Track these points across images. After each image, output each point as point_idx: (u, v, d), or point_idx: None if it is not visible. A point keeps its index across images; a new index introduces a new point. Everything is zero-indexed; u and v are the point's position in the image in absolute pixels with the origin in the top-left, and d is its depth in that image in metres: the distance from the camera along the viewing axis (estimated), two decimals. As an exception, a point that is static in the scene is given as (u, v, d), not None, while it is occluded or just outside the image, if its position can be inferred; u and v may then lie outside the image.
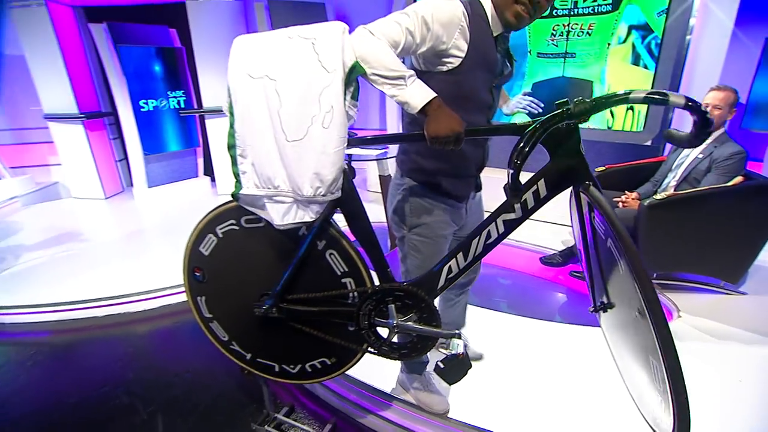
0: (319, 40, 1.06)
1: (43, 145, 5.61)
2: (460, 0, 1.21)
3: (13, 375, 2.27)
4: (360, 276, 1.29)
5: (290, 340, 1.40)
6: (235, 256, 1.36)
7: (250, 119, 1.11)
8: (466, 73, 1.24)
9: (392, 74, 1.08)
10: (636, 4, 3.28)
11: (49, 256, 3.56)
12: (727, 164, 2.31)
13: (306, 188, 1.11)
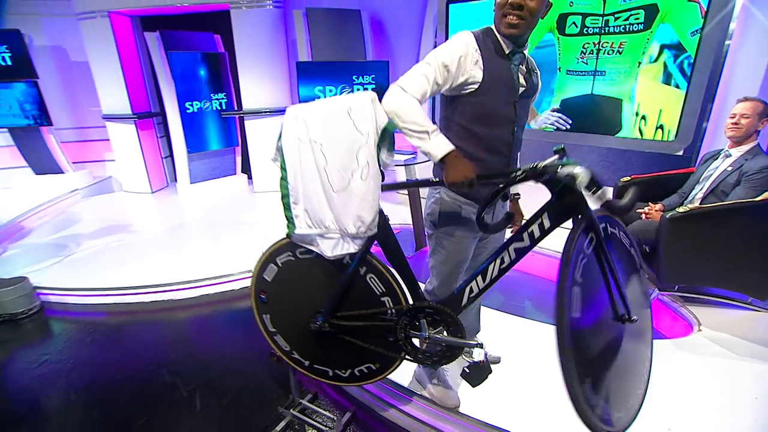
0: (353, 109, 1.30)
1: (100, 142, 6.12)
2: (472, 31, 1.35)
3: (75, 350, 2.57)
4: (396, 296, 1.51)
5: (341, 349, 1.62)
6: (292, 281, 1.61)
7: (302, 174, 1.35)
8: (486, 94, 1.40)
9: (419, 129, 1.29)
10: (669, 24, 3.22)
11: (104, 245, 3.92)
12: (757, 178, 2.27)
13: (350, 227, 1.36)
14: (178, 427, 1.95)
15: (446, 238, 1.59)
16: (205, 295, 3.12)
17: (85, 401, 2.14)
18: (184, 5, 4.72)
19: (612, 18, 3.43)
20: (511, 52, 1.41)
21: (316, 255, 1.47)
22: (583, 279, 1.22)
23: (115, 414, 2.04)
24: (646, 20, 3.30)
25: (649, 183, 2.93)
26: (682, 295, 2.59)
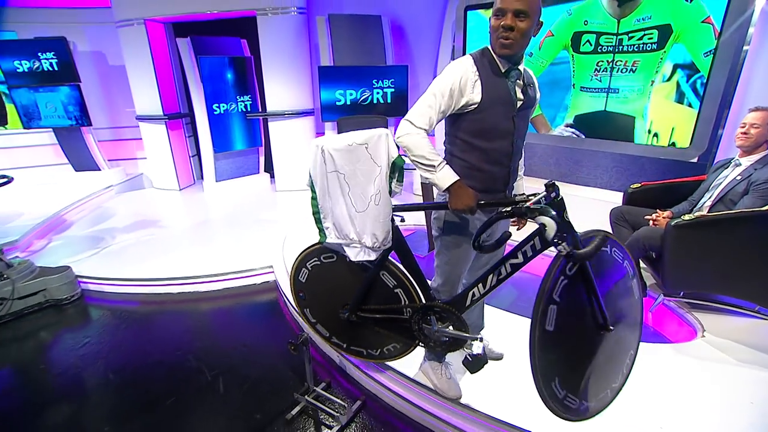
0: (370, 144, 1.53)
1: (133, 141, 6.47)
2: (471, 54, 1.49)
3: (112, 334, 2.82)
4: (411, 295, 1.77)
5: (370, 333, 1.93)
6: (322, 281, 1.95)
7: (329, 198, 1.66)
8: (486, 111, 1.52)
9: (427, 162, 1.49)
10: (683, 44, 3.25)
11: (136, 238, 4.19)
12: (765, 187, 2.29)
13: (368, 241, 1.64)
14: (203, 407, 2.14)
15: (450, 243, 1.72)
16: (228, 288, 3.34)
17: (121, 380, 2.37)
18: (213, 12, 4.96)
19: (626, 37, 3.49)
20: (508, 70, 1.51)
21: (337, 259, 1.81)
22: (561, 298, 1.37)
23: (147, 393, 2.25)
24: (660, 40, 3.35)
25: (660, 190, 2.96)
26: (688, 301, 2.62)
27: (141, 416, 2.10)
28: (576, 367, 1.49)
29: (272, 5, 4.88)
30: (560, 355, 1.44)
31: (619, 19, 3.50)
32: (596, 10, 3.60)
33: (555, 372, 1.43)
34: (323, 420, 2.03)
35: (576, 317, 1.44)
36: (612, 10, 3.51)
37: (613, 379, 1.57)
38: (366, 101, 4.82)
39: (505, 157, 1.59)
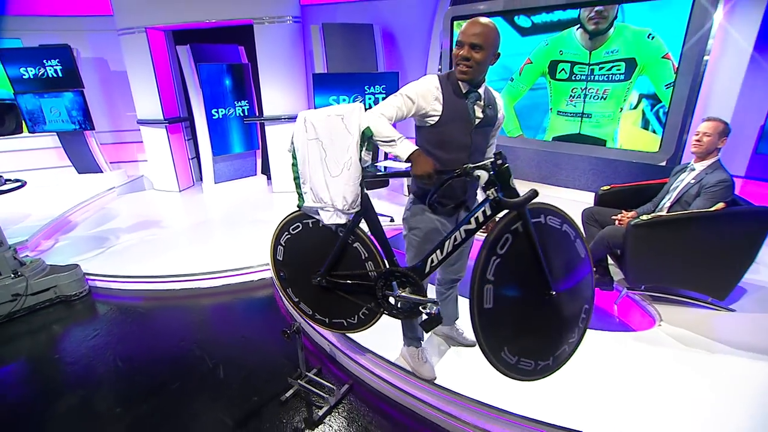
0: (346, 116, 1.69)
1: (134, 144, 6.68)
2: (438, 74, 1.72)
3: (119, 327, 3.04)
4: (377, 261, 1.90)
5: (345, 303, 2.03)
6: (297, 253, 2.07)
7: (309, 163, 1.79)
8: (445, 125, 1.74)
9: (388, 138, 1.68)
10: (647, 76, 3.57)
11: (139, 238, 4.41)
12: (713, 190, 2.53)
13: (339, 203, 1.77)
14: (205, 391, 2.36)
15: (414, 238, 1.97)
16: (227, 284, 3.56)
17: (129, 368, 2.59)
18: (212, 21, 5.17)
19: (597, 67, 3.81)
20: (467, 92, 1.74)
21: (309, 228, 1.96)
22: (496, 275, 1.57)
23: (153, 379, 2.48)
24: (627, 72, 3.67)
25: (628, 191, 3.20)
26: (651, 294, 2.86)
27: (149, 399, 2.32)
28: (523, 332, 1.68)
29: (269, 14, 5.09)
30: (504, 326, 1.64)
31: (590, 51, 3.82)
32: (570, 41, 3.91)
33: (501, 342, 1.63)
34: (314, 401, 2.25)
35: (515, 288, 1.63)
36: (584, 42, 3.83)
37: (568, 336, 1.76)
38: (358, 107, 5.04)
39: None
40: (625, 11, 3.56)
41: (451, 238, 1.71)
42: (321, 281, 1.99)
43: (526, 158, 4.50)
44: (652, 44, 3.50)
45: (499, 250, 1.57)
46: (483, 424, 1.96)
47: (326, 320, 2.15)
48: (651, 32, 3.47)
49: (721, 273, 2.62)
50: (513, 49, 4.31)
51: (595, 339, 2.45)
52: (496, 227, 1.57)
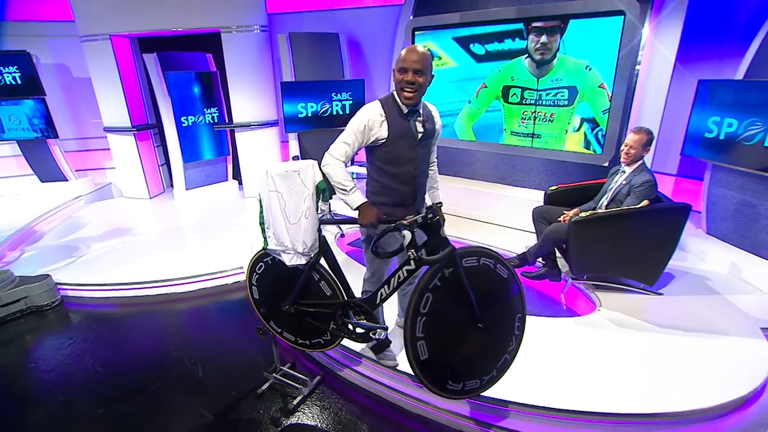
0: (302, 171, 1.93)
1: (100, 151, 6.59)
2: (381, 99, 1.94)
3: (96, 334, 3.12)
4: (336, 294, 2.14)
5: (310, 327, 2.26)
6: (270, 280, 2.28)
7: (272, 212, 2.00)
8: (392, 144, 1.97)
9: (342, 186, 1.93)
10: (587, 102, 4.01)
11: (111, 246, 4.44)
12: (640, 190, 2.88)
13: (299, 247, 2.00)
14: (185, 389, 2.51)
15: (369, 255, 2.19)
16: (202, 288, 3.68)
17: (110, 371, 2.69)
18: (179, 29, 5.22)
19: (544, 93, 4.22)
20: (408, 112, 1.95)
21: (277, 263, 2.13)
22: (431, 308, 1.79)
23: (134, 380, 2.60)
24: (570, 98, 4.10)
25: (574, 191, 3.53)
26: (593, 283, 3.19)
27: (131, 399, 2.45)
28: (461, 362, 1.88)
29: (236, 24, 5.19)
30: (442, 366, 1.85)
31: (538, 78, 4.24)
32: (520, 69, 4.32)
33: (444, 379, 1.86)
34: (289, 393, 2.44)
35: (446, 330, 1.86)
36: (532, 70, 4.25)
37: (506, 348, 1.99)
38: (326, 113, 5.23)
39: (410, 179, 2.06)
40: (566, 44, 3.97)
41: (395, 275, 1.95)
42: (290, 309, 2.20)
43: (485, 160, 4.81)
44: (589, 75, 3.94)
45: (422, 309, 1.80)
46: (442, 404, 2.21)
47: (307, 342, 2.34)
48: (588, 64, 3.91)
49: (650, 261, 2.97)
50: (470, 74, 4.66)
51: (545, 325, 2.75)
52: (422, 280, 1.79)
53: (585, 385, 2.21)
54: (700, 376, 2.27)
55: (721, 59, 3.79)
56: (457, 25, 4.50)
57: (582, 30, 3.88)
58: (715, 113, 3.39)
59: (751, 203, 3.35)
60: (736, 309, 2.89)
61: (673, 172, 4.38)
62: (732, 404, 2.13)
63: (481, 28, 4.41)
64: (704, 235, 3.84)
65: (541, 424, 2.09)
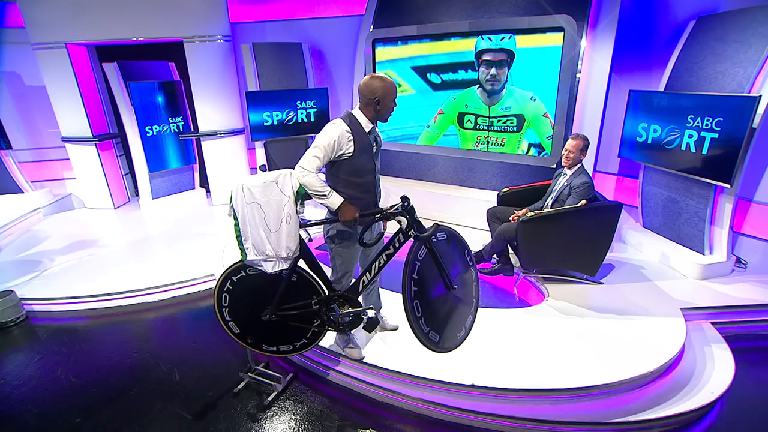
0: (279, 180, 2.08)
1: (58, 162, 6.43)
2: (342, 118, 2.18)
3: (66, 347, 3.15)
4: (317, 291, 2.32)
5: (291, 331, 2.40)
6: (245, 292, 2.33)
7: (249, 223, 2.11)
8: (357, 157, 2.21)
9: (320, 192, 2.13)
10: (533, 129, 4.45)
11: (77, 258, 4.40)
12: (578, 190, 3.22)
13: (282, 253, 2.14)
14: (163, 393, 2.61)
15: (339, 250, 2.38)
16: (175, 296, 3.75)
17: (84, 381, 2.75)
18: (139, 39, 5.21)
19: (495, 120, 4.63)
20: (371, 129, 2.24)
21: (258, 272, 2.23)
22: (419, 274, 2.10)
23: (111, 388, 2.67)
24: (518, 125, 4.53)
25: (524, 192, 3.84)
26: (542, 276, 3.52)
27: (108, 406, 2.53)
28: (435, 313, 2.20)
29: (199, 33, 5.24)
30: (424, 307, 2.15)
31: (489, 106, 4.64)
32: (473, 97, 4.71)
33: (422, 317, 2.14)
34: (264, 390, 2.59)
35: (434, 282, 2.19)
36: (484, 99, 4.65)
37: (468, 312, 2.36)
38: (291, 121, 5.37)
39: (372, 187, 2.32)
40: (513, 76, 4.41)
41: (376, 262, 2.23)
42: (270, 317, 2.30)
43: (445, 165, 5.10)
44: (534, 105, 4.37)
45: (420, 255, 2.13)
46: (407, 392, 2.43)
47: (289, 347, 2.46)
48: (533, 95, 4.35)
49: (590, 254, 3.31)
50: (428, 101, 5.02)
51: (500, 315, 3.03)
52: (411, 252, 2.11)
53: (534, 367, 2.49)
54: (629, 351, 2.60)
55: (649, 70, 4.24)
56: (414, 37, 4.76)
57: (526, 62, 4.29)
58: (643, 120, 3.80)
59: (675, 199, 3.78)
60: (662, 293, 3.29)
61: (614, 171, 4.82)
62: (654, 373, 2.48)
63: (437, 58, 4.78)
64: (641, 228, 4.27)
65: (496, 403, 2.35)
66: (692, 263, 3.52)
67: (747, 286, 3.39)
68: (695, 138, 3.35)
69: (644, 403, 2.35)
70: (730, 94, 3.19)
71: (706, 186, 3.45)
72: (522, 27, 4.15)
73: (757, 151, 3.37)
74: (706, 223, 3.52)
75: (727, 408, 2.44)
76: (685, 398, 2.39)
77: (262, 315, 2.32)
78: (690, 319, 3.02)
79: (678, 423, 2.32)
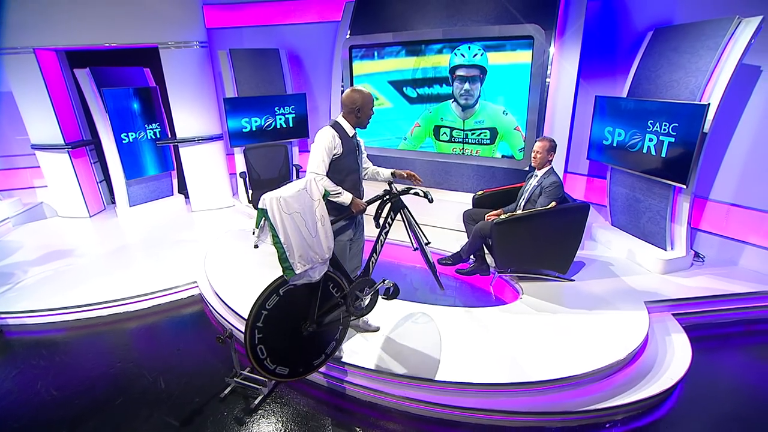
0: (307, 188, 2.19)
1: (27, 170, 6.24)
2: (330, 126, 2.45)
3: (45, 361, 3.11)
4: (341, 286, 2.50)
5: (326, 336, 2.52)
6: (283, 313, 2.29)
7: (292, 234, 2.07)
8: (345, 157, 2.51)
9: (337, 192, 2.45)
10: (506, 142, 4.67)
11: (52, 269, 4.32)
12: (549, 190, 3.39)
13: (326, 254, 2.25)
14: (149, 401, 2.63)
15: (341, 243, 2.63)
16: (157, 305, 3.74)
17: (67, 394, 2.74)
18: (112, 45, 5.14)
19: (470, 133, 4.84)
20: (354, 134, 2.53)
21: (290, 289, 2.25)
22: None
23: (95, 399, 2.67)
24: (491, 138, 4.76)
25: (498, 194, 3.99)
26: (517, 275, 3.68)
27: (93, 417, 2.53)
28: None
29: (174, 39, 5.21)
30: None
31: (464, 120, 4.84)
32: (448, 111, 4.90)
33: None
34: (250, 394, 2.65)
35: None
36: (458, 113, 4.86)
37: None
38: (270, 127, 5.40)
39: (356, 184, 2.62)
40: (485, 91, 4.62)
41: (378, 241, 2.66)
42: (312, 327, 2.36)
43: (422, 168, 5.23)
44: (506, 119, 4.58)
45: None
46: (389, 390, 2.54)
47: (323, 357, 2.52)
48: (505, 109, 4.56)
49: (561, 253, 3.50)
50: (405, 114, 5.18)
51: (476, 314, 3.17)
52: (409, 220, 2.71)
53: (510, 362, 2.64)
54: (597, 344, 2.77)
55: (614, 77, 4.48)
56: (390, 44, 4.87)
57: (498, 77, 4.50)
58: (609, 124, 4.02)
59: (638, 199, 4.01)
60: (628, 288, 3.50)
61: (585, 172, 5.06)
62: (619, 363, 2.66)
63: (412, 73, 4.96)
64: (609, 226, 4.49)
65: (475, 398, 2.48)
66: (655, 259, 3.75)
67: (705, 278, 3.64)
68: (655, 142, 3.58)
69: (611, 391, 2.53)
70: (684, 101, 3.43)
71: (666, 186, 3.68)
72: (493, 35, 4.32)
73: (710, 154, 3.64)
74: (667, 220, 3.75)
75: (685, 392, 2.65)
76: (647, 385, 2.58)
77: (302, 331, 2.36)
78: (653, 311, 3.23)
79: (641, 408, 2.50)
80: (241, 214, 5.71)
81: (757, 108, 3.56)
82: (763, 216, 3.66)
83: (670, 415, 2.50)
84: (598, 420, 2.44)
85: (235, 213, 5.82)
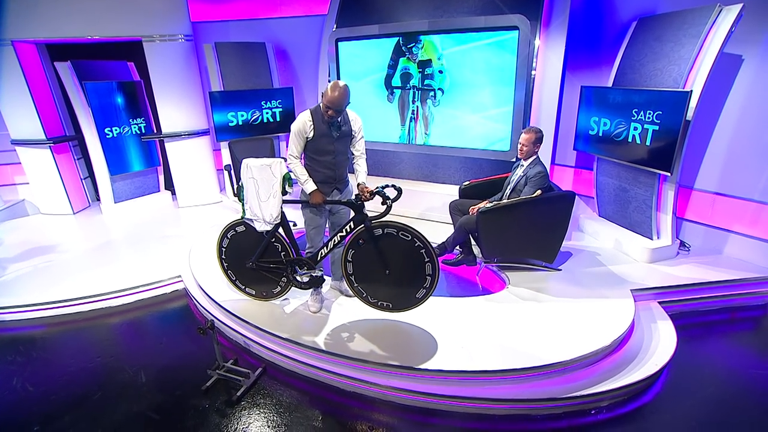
0: (272, 165, 2.70)
1: (8, 166, 6.10)
2: (311, 109, 2.57)
3: (22, 357, 3.04)
4: (288, 252, 2.91)
5: (267, 280, 3.04)
6: (238, 245, 3.01)
7: (249, 193, 2.77)
8: (316, 140, 2.75)
9: (301, 178, 2.79)
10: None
11: (33, 266, 4.23)
12: (534, 179, 3.38)
13: (267, 218, 2.78)
14: (129, 395, 2.58)
15: (309, 215, 2.93)
16: (140, 300, 3.68)
17: (43, 389, 2.67)
18: (95, 38, 5.05)
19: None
20: (332, 120, 2.67)
21: (245, 229, 2.93)
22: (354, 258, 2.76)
23: (72, 394, 2.61)
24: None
25: (484, 185, 3.98)
26: (503, 265, 3.67)
27: (70, 412, 2.47)
28: (369, 282, 2.81)
29: (159, 33, 5.13)
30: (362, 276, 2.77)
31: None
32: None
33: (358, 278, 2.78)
34: (233, 386, 2.60)
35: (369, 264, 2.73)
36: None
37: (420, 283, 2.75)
38: (257, 121, 5.34)
39: (330, 164, 2.82)
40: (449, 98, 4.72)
41: (332, 240, 2.81)
42: (252, 265, 2.94)
43: (410, 161, 5.23)
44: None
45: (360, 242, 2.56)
46: (372, 379, 2.51)
47: (264, 293, 3.12)
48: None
49: (547, 242, 3.49)
50: (387, 110, 5.17)
51: (463, 303, 3.15)
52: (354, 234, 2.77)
53: (497, 350, 2.62)
54: (583, 332, 2.77)
55: (599, 67, 4.48)
56: (376, 36, 4.84)
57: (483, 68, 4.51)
58: (595, 114, 4.02)
59: (625, 188, 4.02)
60: (615, 276, 3.50)
61: (572, 164, 5.06)
62: (604, 350, 2.65)
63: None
64: (597, 217, 4.50)
65: (461, 386, 2.46)
66: (642, 248, 3.76)
67: (690, 267, 3.66)
68: (639, 130, 3.59)
69: (597, 377, 2.52)
70: (667, 89, 3.44)
71: (651, 175, 3.69)
72: (478, 26, 4.31)
73: (694, 144, 3.65)
74: (653, 210, 3.76)
75: (670, 378, 2.65)
76: (633, 371, 2.57)
77: (246, 263, 2.94)
78: (639, 299, 3.23)
79: (626, 394, 2.49)
80: (228, 209, 5.63)
81: (739, 97, 3.58)
82: (746, 204, 3.68)
83: (654, 401, 2.49)
84: (584, 407, 2.43)
85: (223, 209, 5.75)
